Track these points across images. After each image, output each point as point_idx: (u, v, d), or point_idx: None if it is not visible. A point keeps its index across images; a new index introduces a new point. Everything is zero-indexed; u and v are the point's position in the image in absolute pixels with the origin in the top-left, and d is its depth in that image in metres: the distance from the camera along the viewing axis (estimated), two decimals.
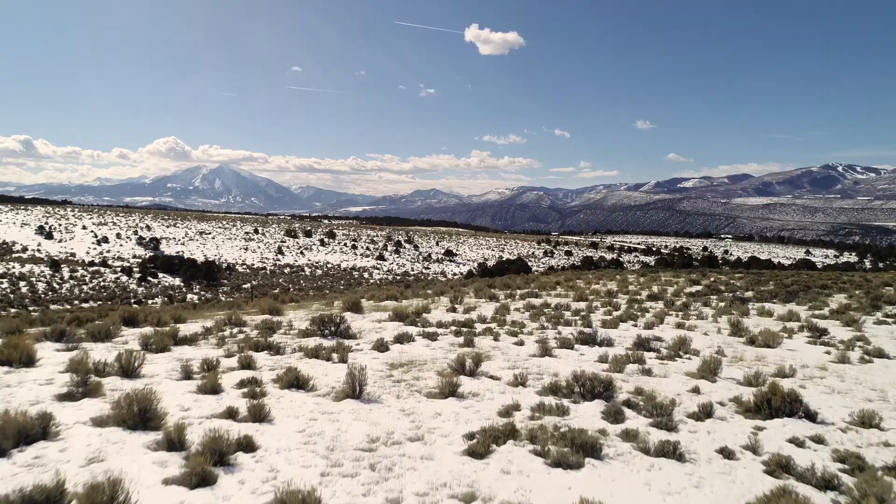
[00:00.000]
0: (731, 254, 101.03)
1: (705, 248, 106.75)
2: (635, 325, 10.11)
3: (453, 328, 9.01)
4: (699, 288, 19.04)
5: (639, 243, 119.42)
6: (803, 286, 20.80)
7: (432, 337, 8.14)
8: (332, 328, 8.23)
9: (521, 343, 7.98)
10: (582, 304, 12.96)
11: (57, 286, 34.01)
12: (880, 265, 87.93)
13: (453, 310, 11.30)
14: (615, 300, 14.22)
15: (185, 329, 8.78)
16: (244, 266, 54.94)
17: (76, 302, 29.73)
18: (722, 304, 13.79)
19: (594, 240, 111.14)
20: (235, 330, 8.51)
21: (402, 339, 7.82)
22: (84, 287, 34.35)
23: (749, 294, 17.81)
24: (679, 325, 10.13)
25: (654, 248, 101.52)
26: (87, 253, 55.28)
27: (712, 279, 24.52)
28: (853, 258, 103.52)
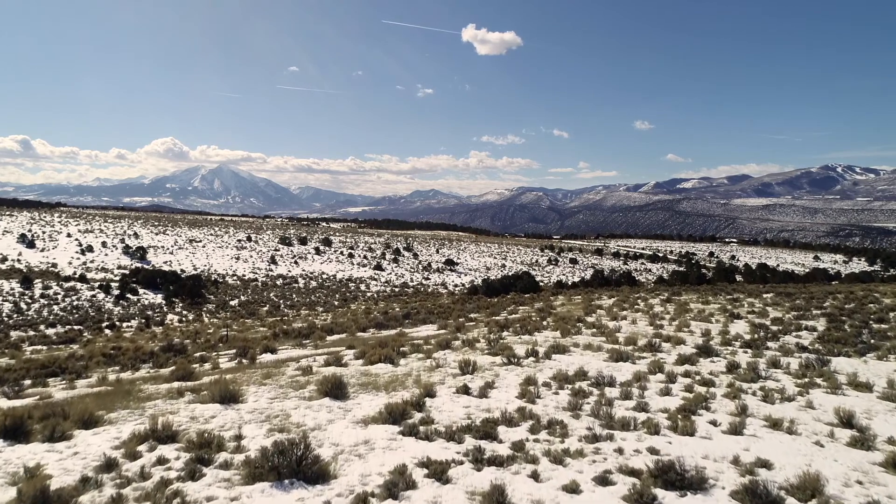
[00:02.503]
0: (738, 259, 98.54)
1: (712, 254, 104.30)
2: (714, 423, 7.47)
3: (470, 442, 6.39)
4: (744, 327, 16.52)
5: (643, 248, 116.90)
6: (858, 320, 18.21)
7: (441, 475, 5.49)
8: (295, 459, 5.58)
9: (574, 488, 5.34)
10: (627, 371, 10.32)
11: (25, 306, 31.31)
12: (892, 271, 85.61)
13: (465, 390, 8.65)
14: (661, 357, 11.63)
15: (84, 451, 6.13)
16: (234, 277, 52.28)
17: (42, 326, 27.05)
18: (794, 364, 11.17)
19: (598, 245, 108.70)
20: (154, 457, 5.85)
21: (394, 488, 5.17)
22: (55, 307, 31.66)
23: (805, 335, 15.29)
24: (773, 423, 7.49)
25: (660, 255, 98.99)
26: (70, 263, 52.67)
27: (746, 307, 22.13)
28: (863, 264, 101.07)
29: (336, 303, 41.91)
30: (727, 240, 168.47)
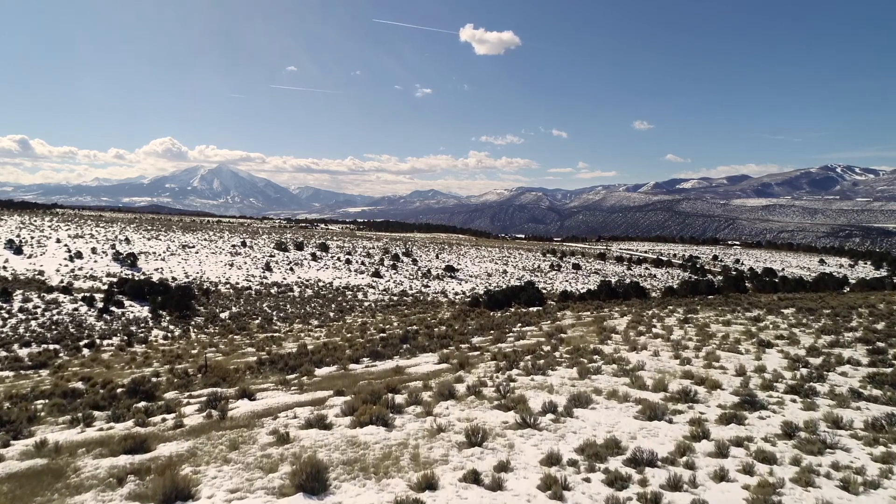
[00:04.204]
0: (742, 263, 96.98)
1: (716, 258, 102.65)
2: None
3: None
4: (779, 360, 14.94)
5: (646, 251, 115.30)
6: None
7: None
8: None
9: None
10: (665, 436, 8.65)
11: (1, 322, 29.61)
12: None
13: (474, 477, 6.97)
14: (700, 412, 9.97)
15: None
16: (227, 285, 50.60)
17: (15, 346, 25.37)
18: (858, 421, 9.53)
19: (601, 249, 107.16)
20: None
21: None
22: (33, 323, 29.96)
23: (850, 370, 13.73)
24: None
25: (664, 259, 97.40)
26: (58, 271, 51.01)
27: (772, 330, 20.64)
28: (869, 267, 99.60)
29: (332, 314, 40.24)
30: (730, 242, 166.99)
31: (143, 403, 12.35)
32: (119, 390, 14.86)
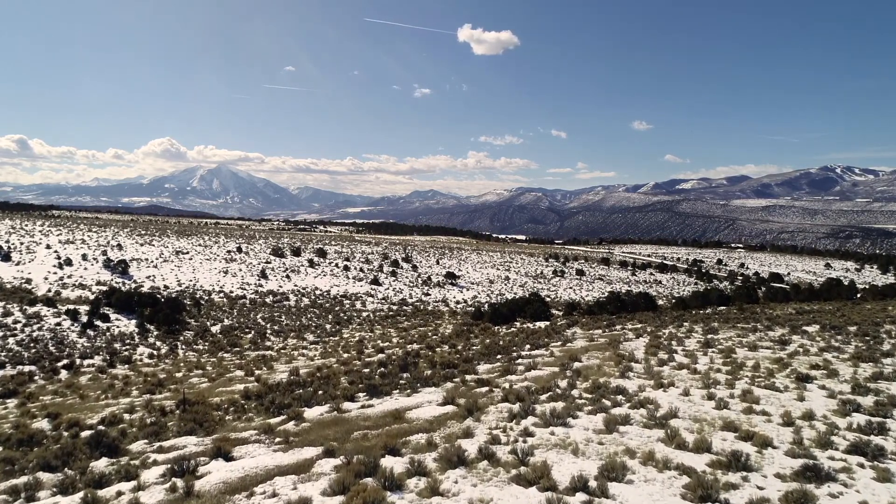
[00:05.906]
0: (747, 267, 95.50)
1: (720, 261, 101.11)
2: None
3: None
4: (823, 399, 13.44)
5: (649, 255, 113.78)
6: None
7: None
8: None
9: None
10: None
11: None
12: None
13: None
14: (758, 487, 8.38)
15: None
16: (221, 294, 48.95)
17: None
18: None
19: (604, 253, 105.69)
20: None
21: None
22: (10, 340, 28.30)
23: None
24: None
25: (668, 263, 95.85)
26: (46, 279, 49.37)
27: (802, 355, 19.18)
28: (876, 271, 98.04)
29: (328, 326, 38.63)
30: (733, 245, 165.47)
31: (103, 461, 10.74)
32: (84, 433, 13.32)
